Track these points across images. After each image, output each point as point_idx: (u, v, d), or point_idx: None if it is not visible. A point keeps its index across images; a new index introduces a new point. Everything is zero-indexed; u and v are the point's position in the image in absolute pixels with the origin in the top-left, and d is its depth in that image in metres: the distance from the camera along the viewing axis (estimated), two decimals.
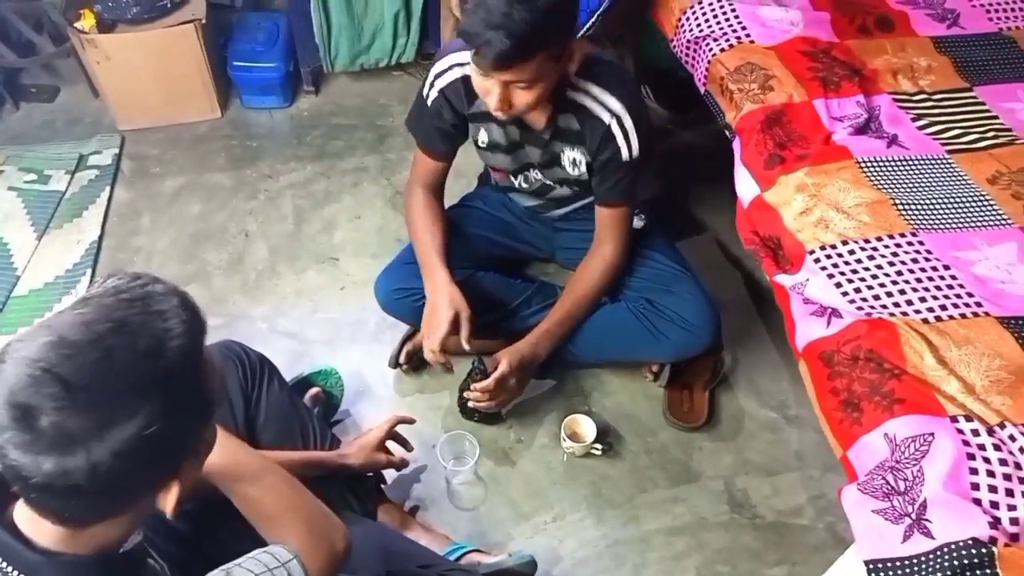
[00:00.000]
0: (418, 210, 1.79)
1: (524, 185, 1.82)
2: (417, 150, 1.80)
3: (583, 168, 1.68)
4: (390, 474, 1.72)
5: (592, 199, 1.76)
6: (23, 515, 0.80)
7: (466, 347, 1.68)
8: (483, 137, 1.72)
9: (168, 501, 0.80)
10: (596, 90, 1.57)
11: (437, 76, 1.66)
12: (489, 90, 1.43)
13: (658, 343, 1.80)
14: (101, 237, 2.28)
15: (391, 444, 1.63)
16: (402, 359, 1.94)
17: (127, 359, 0.73)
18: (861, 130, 1.74)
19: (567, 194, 1.82)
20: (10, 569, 0.79)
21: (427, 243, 1.75)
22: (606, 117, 1.58)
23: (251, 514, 1.07)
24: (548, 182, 1.78)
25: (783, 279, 1.56)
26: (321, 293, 2.18)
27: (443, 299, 1.68)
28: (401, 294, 1.82)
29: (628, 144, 1.60)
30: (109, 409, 0.71)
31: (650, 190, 1.71)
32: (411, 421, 1.68)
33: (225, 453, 1.07)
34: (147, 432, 0.72)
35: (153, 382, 0.73)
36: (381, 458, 1.56)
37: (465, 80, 1.59)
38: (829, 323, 1.43)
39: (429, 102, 1.68)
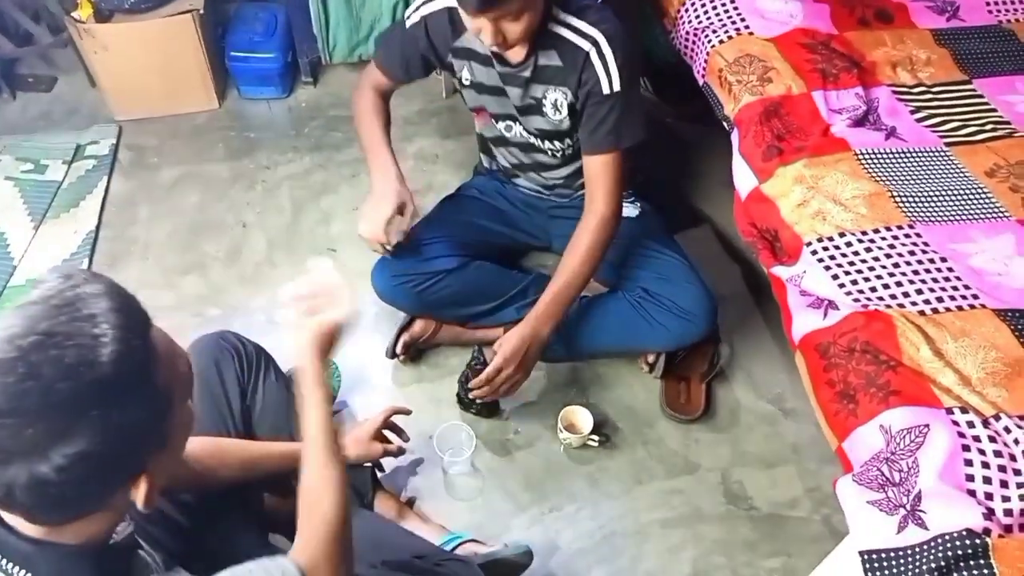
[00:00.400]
0: (367, 106, 1.79)
1: (507, 135, 1.81)
2: (372, 62, 1.80)
3: (565, 112, 1.66)
4: (387, 464, 1.72)
5: (575, 169, 1.75)
6: None
7: (405, 228, 1.71)
8: (466, 75, 1.72)
9: (139, 495, 0.78)
10: (575, 21, 1.57)
11: (425, 1, 1.66)
12: (481, 27, 1.46)
13: (655, 332, 1.80)
14: (98, 227, 2.28)
15: (387, 434, 1.63)
16: (399, 349, 1.94)
17: (54, 375, 0.68)
18: (859, 122, 1.74)
19: (549, 161, 1.82)
20: (5, 563, 0.78)
21: (375, 131, 1.76)
22: (585, 45, 1.57)
23: (302, 489, 1.03)
24: (531, 139, 1.78)
25: (780, 271, 1.56)
26: None
27: (390, 185, 1.68)
28: (399, 280, 1.81)
29: (608, 74, 1.58)
30: (42, 429, 0.68)
31: (639, 134, 1.64)
32: (407, 412, 1.67)
33: (327, 423, 1.07)
34: (90, 446, 0.69)
35: (87, 395, 0.70)
36: (376, 448, 1.56)
37: (452, 12, 1.60)
38: (826, 315, 1.43)
39: (408, 25, 1.69)
